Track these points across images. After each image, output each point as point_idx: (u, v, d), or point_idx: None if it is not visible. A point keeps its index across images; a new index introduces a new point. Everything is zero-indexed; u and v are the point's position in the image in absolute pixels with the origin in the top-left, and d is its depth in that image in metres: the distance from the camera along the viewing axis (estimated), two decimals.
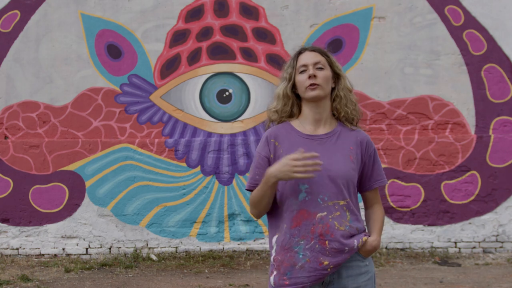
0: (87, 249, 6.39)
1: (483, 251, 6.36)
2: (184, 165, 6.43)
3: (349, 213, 2.00)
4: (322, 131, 2.07)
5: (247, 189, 2.10)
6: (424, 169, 6.41)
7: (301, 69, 2.06)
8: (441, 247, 6.37)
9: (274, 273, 2.02)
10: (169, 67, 6.51)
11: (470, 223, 6.39)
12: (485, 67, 6.46)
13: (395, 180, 6.39)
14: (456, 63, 6.48)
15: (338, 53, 6.47)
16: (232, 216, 6.40)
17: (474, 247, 6.37)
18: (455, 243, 6.39)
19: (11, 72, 6.49)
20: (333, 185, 1.97)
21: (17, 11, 6.50)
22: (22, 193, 6.38)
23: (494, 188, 6.39)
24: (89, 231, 6.38)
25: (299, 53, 2.10)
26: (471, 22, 6.46)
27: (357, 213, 2.05)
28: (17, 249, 6.37)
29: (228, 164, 6.43)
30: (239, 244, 6.39)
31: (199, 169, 6.43)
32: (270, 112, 2.15)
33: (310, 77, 2.02)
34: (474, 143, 6.41)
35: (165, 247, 6.37)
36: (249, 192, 2.09)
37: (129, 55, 6.51)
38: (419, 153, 6.41)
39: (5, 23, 6.50)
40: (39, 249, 6.37)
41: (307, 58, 2.06)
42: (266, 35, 6.52)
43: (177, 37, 6.52)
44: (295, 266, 1.97)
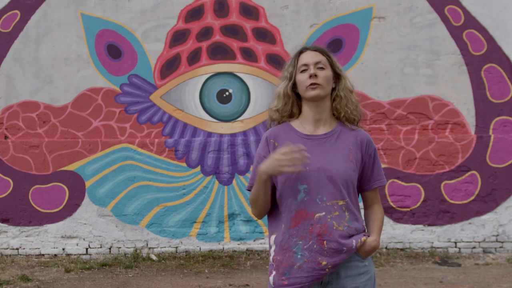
0: (87, 249, 6.39)
1: (483, 251, 6.36)
2: (184, 165, 6.43)
3: (348, 213, 2.00)
4: (321, 131, 2.07)
5: (247, 189, 2.12)
6: (424, 169, 6.41)
7: (302, 68, 2.05)
8: (441, 247, 6.37)
9: (273, 273, 2.03)
10: (169, 67, 6.51)
11: (470, 223, 6.39)
12: (485, 67, 6.46)
13: (395, 180, 6.39)
14: (456, 63, 6.48)
15: (338, 53, 6.47)
16: (232, 216, 6.40)
17: (474, 247, 6.38)
18: (455, 243, 6.39)
19: (11, 72, 6.49)
20: (332, 185, 1.97)
21: (17, 11, 6.50)
22: (22, 193, 6.38)
23: (494, 188, 6.39)
24: (89, 231, 6.38)
25: (300, 52, 2.10)
26: (471, 22, 6.46)
27: (357, 213, 2.04)
28: (17, 249, 6.37)
29: (228, 164, 6.43)
30: (239, 244, 6.39)
31: (199, 169, 6.43)
32: (271, 111, 2.15)
33: (311, 77, 2.01)
34: (474, 143, 6.41)
35: (165, 247, 6.37)
36: (249, 192, 2.10)
37: (129, 55, 6.51)
38: (419, 153, 6.41)
39: (5, 23, 6.50)
40: (39, 249, 6.37)
41: (308, 57, 2.06)
42: (266, 35, 6.52)
43: (177, 37, 6.52)
44: (293, 266, 1.97)
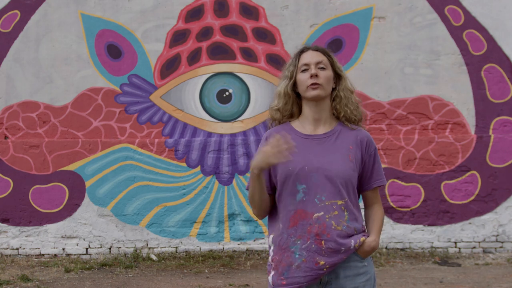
0: (87, 249, 6.39)
1: (483, 251, 6.36)
2: (184, 165, 6.43)
3: (347, 213, 1.99)
4: (321, 130, 2.07)
5: (246, 189, 2.12)
6: (424, 169, 6.41)
7: (303, 68, 2.05)
8: (441, 247, 6.37)
9: (272, 273, 2.03)
10: (169, 67, 6.51)
11: (470, 223, 6.39)
12: (485, 67, 6.46)
13: (395, 180, 6.39)
14: (456, 63, 6.48)
15: (338, 53, 6.47)
16: (232, 216, 6.40)
17: (474, 247, 6.37)
18: (455, 243, 6.39)
19: (11, 72, 6.49)
20: (331, 185, 1.97)
21: (17, 11, 6.50)
22: (22, 193, 6.38)
23: (494, 188, 6.38)
24: (89, 231, 6.38)
25: (301, 52, 2.09)
26: (471, 22, 6.46)
27: (356, 213, 2.03)
28: (17, 249, 6.37)
29: (228, 164, 6.43)
30: (239, 244, 6.39)
31: (199, 169, 6.43)
32: (272, 110, 2.14)
33: (311, 77, 2.01)
34: (474, 143, 6.41)
35: (165, 247, 6.37)
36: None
37: (129, 55, 6.51)
38: (419, 153, 6.41)
39: (5, 23, 6.50)
40: (39, 249, 6.37)
41: (310, 57, 2.05)
42: (266, 35, 6.52)
43: (177, 37, 6.52)
44: (291, 266, 1.97)
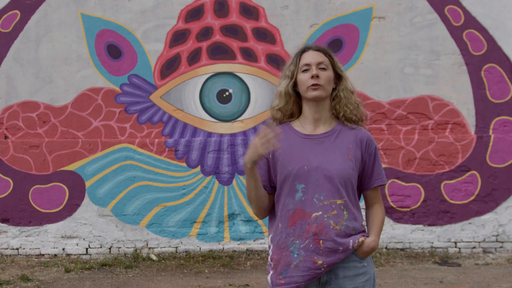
0: (87, 249, 6.39)
1: (483, 251, 6.36)
2: (184, 165, 6.43)
3: (346, 212, 1.99)
4: (321, 130, 2.07)
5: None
6: (424, 169, 6.41)
7: (304, 68, 2.04)
8: (441, 247, 6.37)
9: (271, 272, 2.03)
10: (169, 67, 6.51)
11: (470, 223, 6.39)
12: (485, 67, 6.46)
13: (395, 180, 6.39)
14: (456, 63, 6.48)
15: (338, 53, 6.46)
16: (232, 216, 6.40)
17: (474, 247, 6.37)
18: (455, 243, 6.39)
19: (11, 72, 6.49)
20: (330, 184, 1.97)
21: (17, 11, 6.50)
22: (22, 193, 6.38)
23: (494, 188, 6.39)
24: (89, 231, 6.38)
25: (302, 52, 2.08)
26: (471, 22, 6.46)
27: (356, 212, 2.03)
28: (17, 249, 6.37)
29: (228, 164, 6.43)
30: (239, 244, 6.39)
31: (199, 169, 6.43)
32: (273, 110, 2.14)
33: (313, 77, 2.00)
34: (474, 143, 6.41)
35: (165, 247, 6.37)
36: None
37: (129, 55, 6.51)
38: (419, 153, 6.41)
39: (5, 23, 6.50)
40: (39, 249, 6.37)
41: (311, 57, 2.04)
42: (266, 35, 6.52)
43: (177, 37, 6.52)
44: (290, 265, 1.97)
